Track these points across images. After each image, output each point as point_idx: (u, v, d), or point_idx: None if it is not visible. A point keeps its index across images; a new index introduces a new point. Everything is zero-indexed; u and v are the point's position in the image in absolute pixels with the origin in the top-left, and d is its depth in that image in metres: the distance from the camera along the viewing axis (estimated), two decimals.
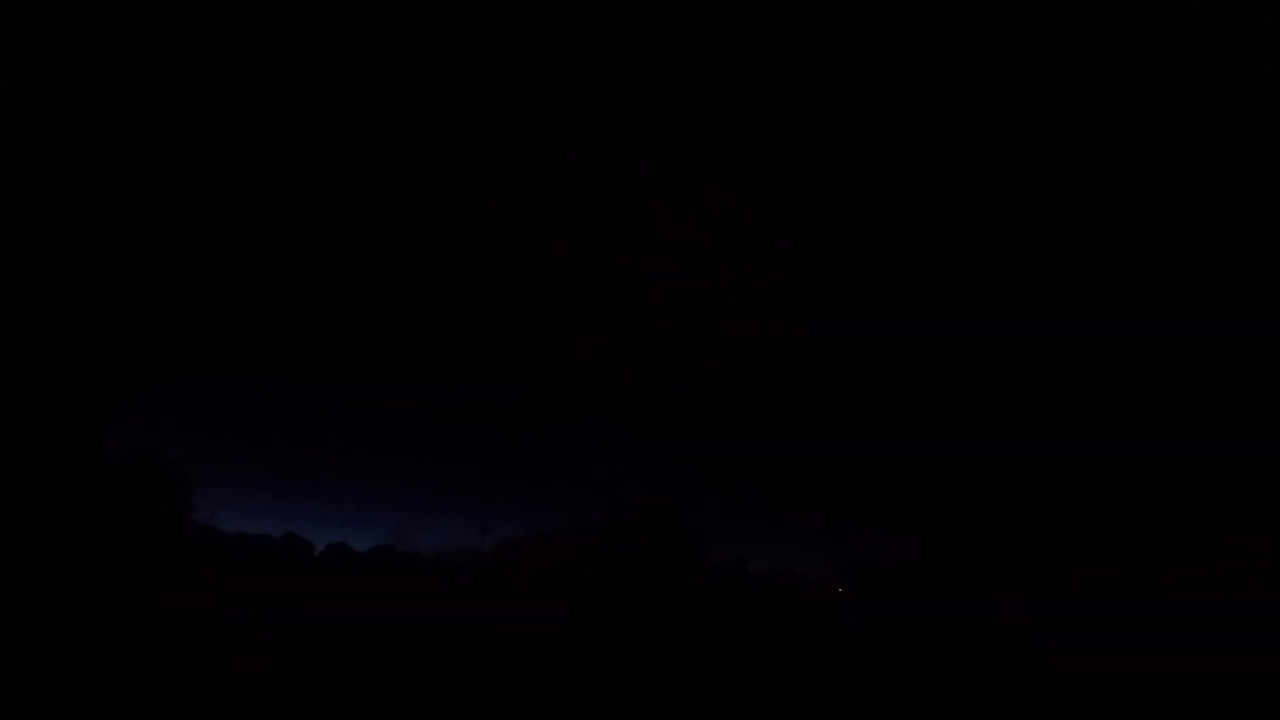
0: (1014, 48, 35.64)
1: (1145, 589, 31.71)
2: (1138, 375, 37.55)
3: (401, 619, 29.70)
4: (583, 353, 40.50)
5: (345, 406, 47.94)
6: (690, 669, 25.29)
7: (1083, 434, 38.40)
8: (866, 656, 29.44)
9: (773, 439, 43.75)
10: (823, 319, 41.08)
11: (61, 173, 35.60)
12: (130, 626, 23.08)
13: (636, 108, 39.23)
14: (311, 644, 24.69)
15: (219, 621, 25.20)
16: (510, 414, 44.26)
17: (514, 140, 41.10)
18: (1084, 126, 37.13)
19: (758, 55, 38.09)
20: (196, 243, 41.97)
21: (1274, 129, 31.71)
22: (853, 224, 41.54)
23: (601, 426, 41.34)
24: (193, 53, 37.50)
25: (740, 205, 40.11)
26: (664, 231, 39.51)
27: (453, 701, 20.81)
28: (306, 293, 44.51)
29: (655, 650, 28.39)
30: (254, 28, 36.91)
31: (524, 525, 42.88)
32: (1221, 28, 30.12)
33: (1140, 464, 35.86)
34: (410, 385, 46.43)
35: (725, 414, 41.63)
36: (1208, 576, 31.12)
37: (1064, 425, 39.09)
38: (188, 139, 40.10)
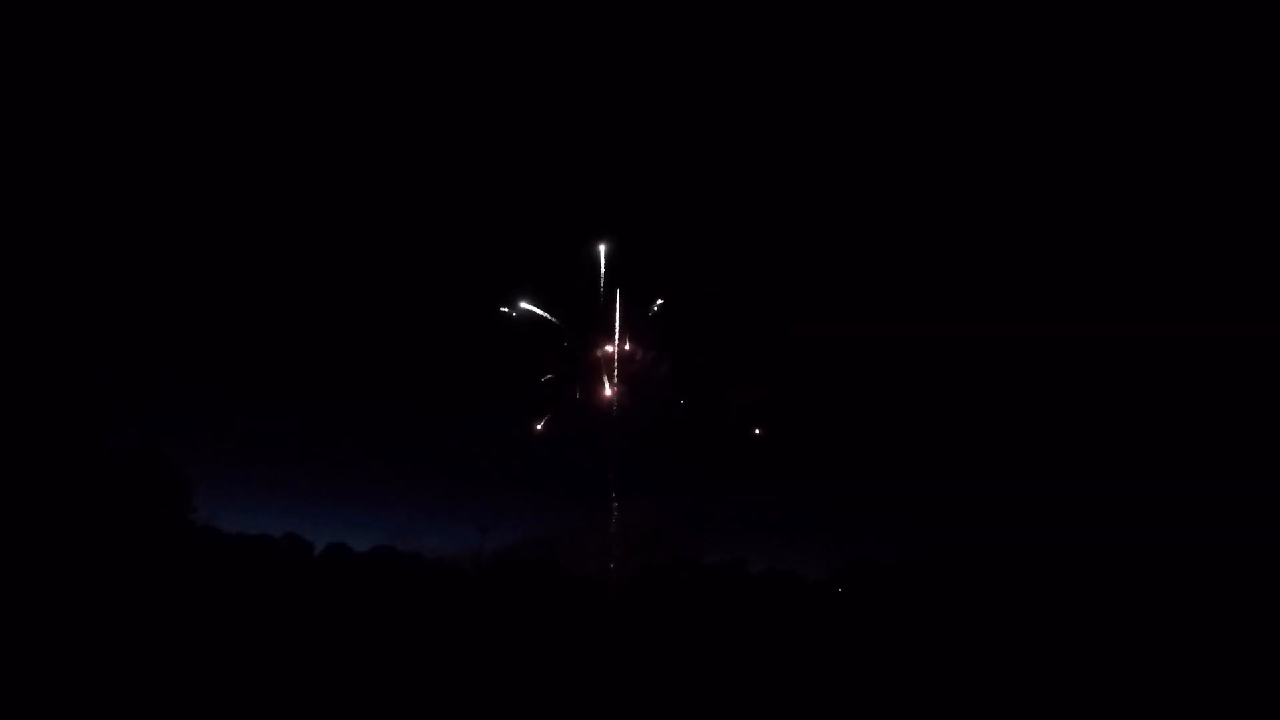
0: (1011, 47, 35.64)
1: (1142, 589, 31.73)
2: (1135, 374, 37.58)
3: (401, 619, 29.65)
4: (583, 355, 40.48)
5: (346, 408, 48.00)
6: (690, 668, 25.28)
7: (1080, 434, 38.44)
8: (866, 656, 29.42)
9: (772, 440, 43.75)
10: (821, 319, 41.12)
11: (61, 173, 35.60)
12: (130, 626, 23.04)
13: (634, 106, 39.27)
14: (311, 644, 24.67)
15: (218, 620, 25.17)
16: (510, 416, 44.26)
17: (513, 141, 41.13)
18: (1079, 125, 37.13)
19: (756, 56, 38.11)
20: (198, 244, 42.01)
21: (1273, 128, 31.69)
22: (851, 224, 41.56)
23: (601, 427, 41.33)
24: (192, 52, 37.51)
25: (739, 205, 40.14)
26: (662, 232, 39.52)
27: (452, 700, 20.81)
28: (308, 295, 44.56)
29: (655, 649, 28.36)
30: (252, 28, 36.89)
31: (524, 526, 42.94)
32: (1221, 27, 30.09)
33: (1136, 463, 35.91)
34: (411, 387, 46.48)
35: (725, 415, 41.62)
36: (1203, 580, 31.13)
37: (1062, 425, 39.11)
38: (187, 140, 40.13)
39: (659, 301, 38.19)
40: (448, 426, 47.36)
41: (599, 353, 39.99)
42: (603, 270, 39.31)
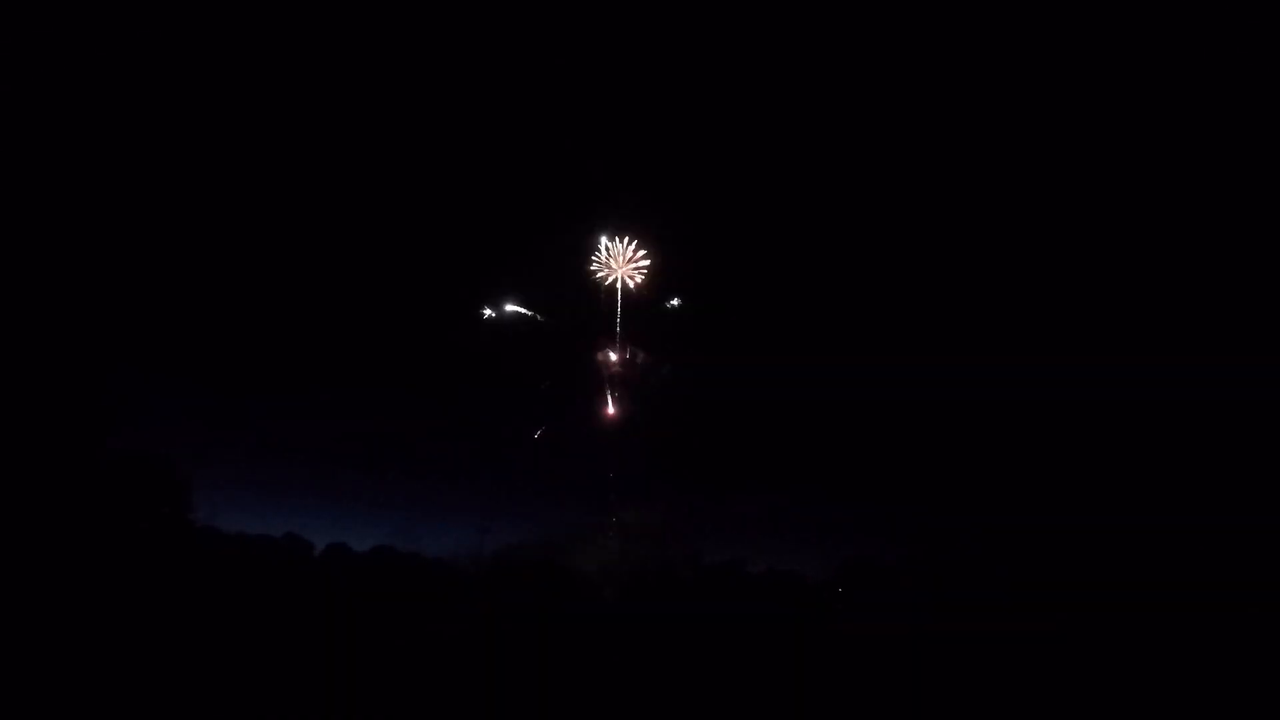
0: (1011, 48, 35.67)
1: (1141, 589, 31.73)
2: (1134, 374, 37.62)
3: (401, 619, 29.66)
4: (584, 354, 40.59)
5: (346, 408, 48.01)
6: (690, 668, 25.31)
7: (1080, 434, 38.48)
8: (866, 656, 29.42)
9: (773, 439, 43.85)
10: (821, 319, 41.20)
11: (61, 173, 35.65)
12: (130, 626, 23.05)
13: (636, 105, 39.34)
14: (311, 644, 24.69)
15: (219, 620, 25.19)
16: (511, 417, 44.36)
17: (512, 142, 41.18)
18: (1078, 126, 37.18)
19: (755, 54, 38.17)
20: (198, 244, 42.06)
21: (1270, 127, 31.70)
22: (851, 225, 41.63)
23: (601, 429, 41.45)
24: (193, 54, 37.55)
25: (739, 205, 40.21)
26: (660, 233, 39.64)
27: (453, 700, 20.84)
28: (308, 295, 44.60)
29: (655, 649, 28.40)
30: (248, 28, 36.92)
31: (524, 526, 43.00)
32: (1217, 26, 30.10)
33: (1135, 464, 35.94)
34: (411, 387, 46.51)
35: (726, 415, 41.71)
36: (1202, 581, 31.16)
37: (1062, 425, 39.16)
38: (186, 140, 40.18)
39: (671, 302, 38.40)
40: (448, 426, 47.45)
41: (600, 355, 40.10)
42: (604, 272, 39.38)
